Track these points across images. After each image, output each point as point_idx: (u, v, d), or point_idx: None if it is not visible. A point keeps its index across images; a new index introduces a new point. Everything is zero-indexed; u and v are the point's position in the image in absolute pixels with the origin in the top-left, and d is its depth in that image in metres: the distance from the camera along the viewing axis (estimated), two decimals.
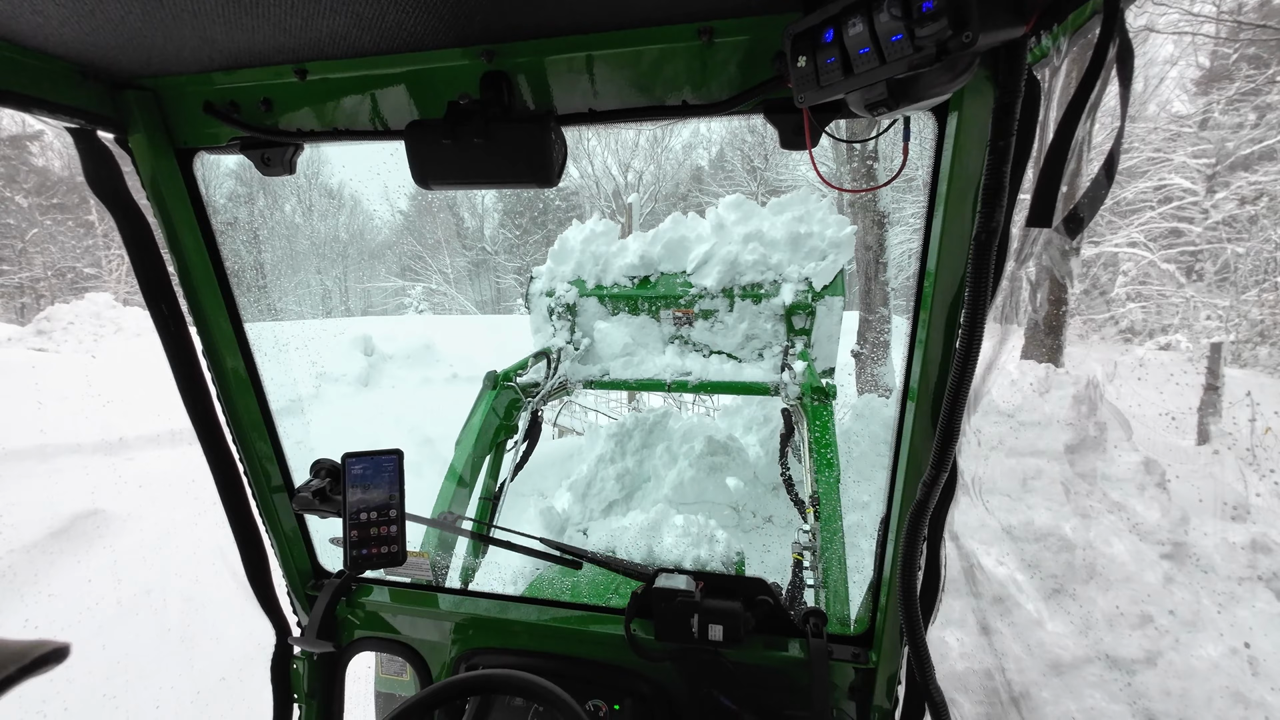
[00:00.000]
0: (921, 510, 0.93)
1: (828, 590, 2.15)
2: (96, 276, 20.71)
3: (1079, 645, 3.19)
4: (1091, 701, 2.96)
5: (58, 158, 20.43)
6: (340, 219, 32.76)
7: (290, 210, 29.85)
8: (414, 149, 0.95)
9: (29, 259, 19.69)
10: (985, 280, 0.78)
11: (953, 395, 0.85)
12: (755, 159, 23.79)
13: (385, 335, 9.26)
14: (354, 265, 33.52)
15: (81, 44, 0.91)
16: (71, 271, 20.64)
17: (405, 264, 31.09)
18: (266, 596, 1.45)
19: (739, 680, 1.28)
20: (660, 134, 24.21)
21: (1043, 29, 0.74)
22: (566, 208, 31.18)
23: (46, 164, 20.34)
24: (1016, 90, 0.69)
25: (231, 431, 1.34)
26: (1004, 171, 0.73)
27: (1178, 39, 10.64)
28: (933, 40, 0.59)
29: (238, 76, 1.02)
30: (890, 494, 1.15)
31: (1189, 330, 10.41)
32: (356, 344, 8.76)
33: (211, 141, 1.12)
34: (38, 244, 19.70)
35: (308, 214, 30.76)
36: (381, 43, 0.92)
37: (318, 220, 31.46)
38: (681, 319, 3.99)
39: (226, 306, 1.29)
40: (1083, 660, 3.13)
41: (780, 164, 23.23)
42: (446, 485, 2.68)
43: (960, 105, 0.83)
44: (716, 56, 0.89)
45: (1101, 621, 3.33)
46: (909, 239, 19.67)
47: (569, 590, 2.42)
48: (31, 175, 19.80)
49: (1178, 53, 11.95)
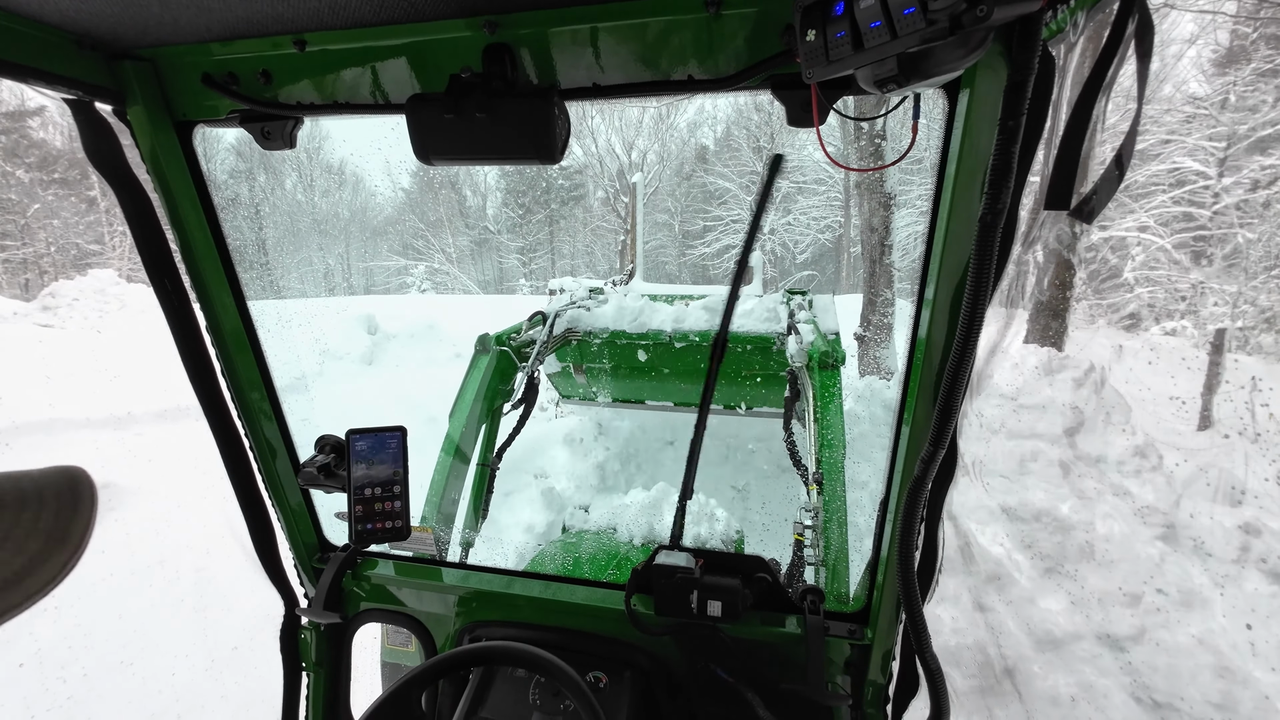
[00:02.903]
0: (919, 485, 0.94)
1: (827, 568, 2.18)
2: (99, 253, 20.72)
3: (1071, 621, 3.25)
4: (1081, 675, 3.03)
5: (59, 133, 20.27)
6: (342, 195, 32.58)
7: (291, 187, 29.69)
8: (415, 123, 0.94)
9: (32, 234, 19.67)
10: (989, 263, 0.77)
11: (952, 375, 0.85)
12: (761, 138, 23.50)
13: (389, 314, 9.28)
14: (356, 244, 33.43)
15: (78, 13, 0.89)
16: (75, 248, 20.63)
17: (407, 242, 30.99)
18: (274, 569, 1.48)
19: (737, 655, 1.31)
20: (665, 112, 23.97)
21: (1059, 3, 0.71)
22: (570, 186, 30.85)
23: (47, 138, 20.18)
24: (1030, 67, 0.68)
25: (236, 406, 1.35)
26: (1013, 152, 0.72)
27: (1197, 17, 10.34)
28: (946, 13, 0.58)
29: (236, 47, 1.00)
30: (890, 473, 1.15)
31: (1195, 316, 10.32)
32: (360, 322, 8.74)
33: (210, 114, 1.11)
34: (40, 220, 19.66)
35: (309, 191, 30.58)
36: (382, 12, 0.90)
37: (319, 198, 31.30)
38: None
39: (229, 281, 1.28)
40: (1074, 636, 3.20)
41: (787, 144, 22.97)
42: (443, 455, 2.68)
43: (973, 83, 0.81)
44: (723, 30, 0.87)
45: (1092, 600, 3.43)
46: (915, 221, 19.48)
47: (571, 565, 2.46)
48: (33, 150, 19.65)
49: (1197, 30, 11.62)
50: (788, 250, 23.74)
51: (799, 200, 22.78)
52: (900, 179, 19.88)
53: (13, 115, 18.63)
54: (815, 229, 22.62)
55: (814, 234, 22.66)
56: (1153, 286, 11.06)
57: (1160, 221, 10.95)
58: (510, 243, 31.84)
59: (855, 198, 10.10)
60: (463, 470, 2.79)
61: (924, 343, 1.00)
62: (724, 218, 24.36)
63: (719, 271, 24.98)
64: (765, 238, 22.83)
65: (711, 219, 24.91)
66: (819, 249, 23.93)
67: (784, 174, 23.01)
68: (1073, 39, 0.76)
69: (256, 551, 1.45)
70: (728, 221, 24.23)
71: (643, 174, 21.92)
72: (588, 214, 31.39)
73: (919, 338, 1.02)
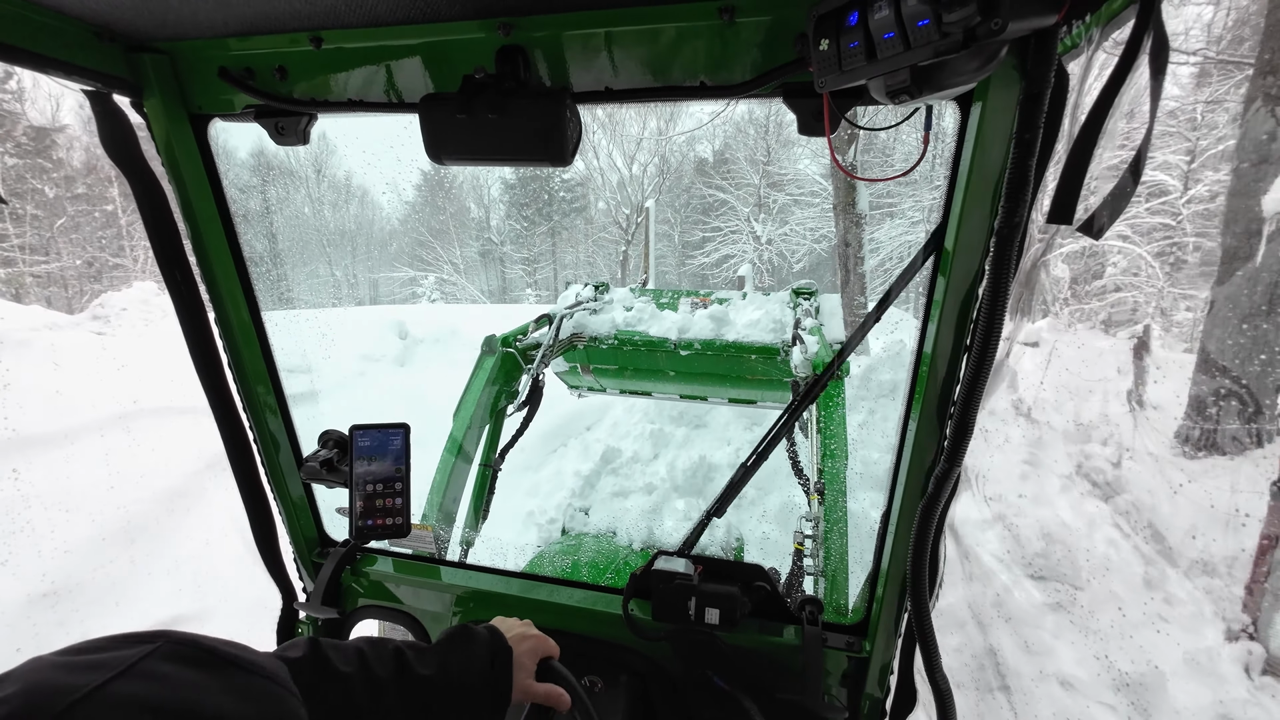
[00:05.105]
0: (933, 504, 0.93)
1: (827, 579, 2.16)
2: (121, 265, 20.95)
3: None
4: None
5: (82, 150, 20.63)
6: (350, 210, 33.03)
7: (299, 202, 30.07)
8: (428, 122, 0.94)
9: (58, 249, 19.91)
10: (1006, 275, 0.77)
11: (968, 389, 0.85)
12: (758, 152, 23.97)
13: (414, 321, 9.91)
14: (365, 256, 34.01)
15: (98, 5, 0.91)
16: (98, 261, 20.86)
17: (416, 254, 31.34)
18: (274, 562, 1.48)
19: (734, 662, 1.30)
20: (663, 126, 24.31)
21: (1075, 18, 0.71)
22: (571, 199, 31.17)
23: (64, 157, 20.49)
24: (1046, 80, 0.67)
25: (242, 399, 1.36)
26: (1029, 165, 0.72)
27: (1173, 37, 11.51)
28: (960, 26, 0.58)
29: (253, 43, 1.01)
30: (892, 487, 1.15)
31: (1164, 319, 11.64)
32: (392, 328, 9.45)
33: (226, 108, 1.12)
34: (65, 234, 19.91)
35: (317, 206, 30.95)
36: (398, 12, 0.91)
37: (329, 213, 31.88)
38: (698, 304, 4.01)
39: (238, 274, 1.29)
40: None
41: (782, 157, 23.84)
42: (446, 453, 2.68)
43: (985, 95, 0.81)
44: (737, 37, 0.87)
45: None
46: (907, 231, 20.09)
47: (569, 568, 2.45)
48: (59, 165, 19.99)
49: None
50: (784, 259, 24.09)
51: (795, 212, 23.33)
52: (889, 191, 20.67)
53: (39, 132, 19.03)
54: (810, 239, 23.13)
55: (809, 244, 23.15)
56: (1129, 292, 12.13)
57: (1138, 231, 11.95)
58: (514, 253, 32.19)
59: (829, 219, 11.41)
60: (465, 470, 2.78)
61: (929, 356, 0.99)
62: (722, 228, 24.81)
63: (718, 280, 25.54)
64: (762, 248, 23.37)
65: (710, 229, 25.33)
66: (814, 258, 24.42)
67: (780, 187, 23.09)
68: (1087, 54, 0.76)
69: (257, 544, 1.46)
70: (726, 232, 24.67)
71: (655, 200, 22.21)
72: (589, 225, 31.76)
73: (924, 351, 1.01)
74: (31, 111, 18.95)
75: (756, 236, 23.39)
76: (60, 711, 0.41)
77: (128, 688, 0.44)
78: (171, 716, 0.45)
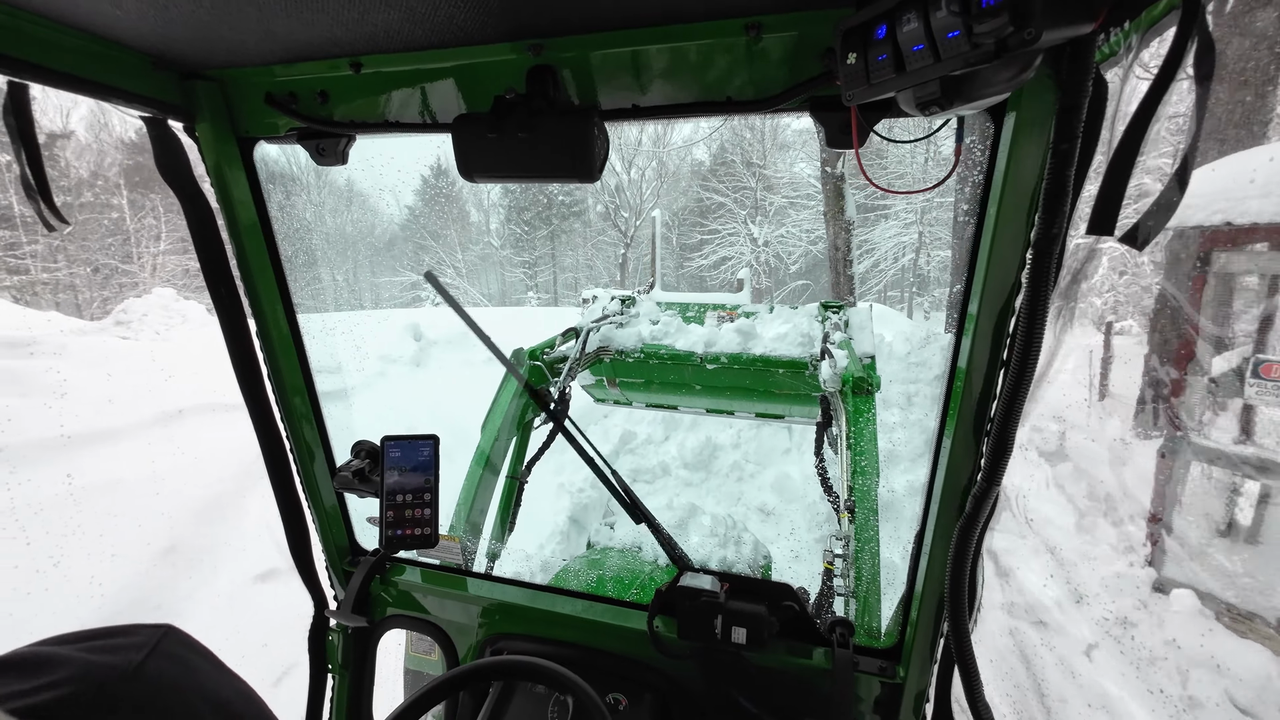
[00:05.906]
0: (971, 524, 0.90)
1: (858, 600, 2.10)
2: (129, 271, 21.79)
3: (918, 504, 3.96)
4: None
5: (90, 159, 21.55)
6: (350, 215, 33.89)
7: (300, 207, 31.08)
8: (460, 142, 0.97)
9: (69, 255, 20.79)
10: (1045, 288, 0.74)
11: (1006, 406, 0.82)
12: (754, 156, 24.09)
13: (427, 323, 9.96)
14: (368, 260, 34.91)
15: (154, 36, 0.96)
16: (105, 267, 21.72)
17: (417, 258, 32.01)
18: (307, 570, 1.51)
19: (760, 684, 1.27)
20: (661, 131, 24.53)
21: (1112, 25, 0.69)
22: (570, 203, 31.55)
23: (67, 165, 21.26)
24: (1083, 90, 0.65)
25: (280, 409, 1.40)
26: (1067, 176, 0.69)
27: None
28: (992, 37, 0.56)
29: (297, 69, 1.06)
30: (926, 506, 1.11)
31: (1143, 317, 11.85)
32: (407, 330, 9.58)
33: (271, 131, 1.17)
34: (73, 240, 20.80)
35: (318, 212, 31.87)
36: (432, 37, 0.94)
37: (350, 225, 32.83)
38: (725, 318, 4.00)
39: (280, 290, 1.34)
40: None
41: (778, 160, 24.28)
42: (473, 465, 2.71)
43: (1019, 105, 0.79)
44: (764, 52, 0.88)
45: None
46: (900, 232, 21.58)
47: (594, 583, 2.44)
48: (69, 172, 20.87)
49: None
50: (781, 261, 24.05)
51: (791, 214, 23.41)
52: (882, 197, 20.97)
53: (49, 138, 19.76)
54: (806, 240, 23.09)
55: (805, 245, 23.13)
56: (1110, 292, 12.77)
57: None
58: (514, 257, 32.52)
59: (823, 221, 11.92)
60: (492, 481, 2.80)
61: (964, 371, 0.96)
62: (719, 231, 24.91)
63: (716, 283, 25.65)
64: (759, 249, 23.34)
65: (708, 232, 25.43)
66: (810, 260, 24.39)
67: (776, 190, 23.22)
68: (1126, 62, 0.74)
69: (291, 552, 1.49)
70: (723, 235, 24.75)
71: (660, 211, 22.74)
72: (587, 229, 32.07)
73: (959, 366, 0.98)
74: (41, 120, 19.83)
75: (753, 239, 23.46)
76: (117, 681, 0.47)
77: (158, 665, 0.52)
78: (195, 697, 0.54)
